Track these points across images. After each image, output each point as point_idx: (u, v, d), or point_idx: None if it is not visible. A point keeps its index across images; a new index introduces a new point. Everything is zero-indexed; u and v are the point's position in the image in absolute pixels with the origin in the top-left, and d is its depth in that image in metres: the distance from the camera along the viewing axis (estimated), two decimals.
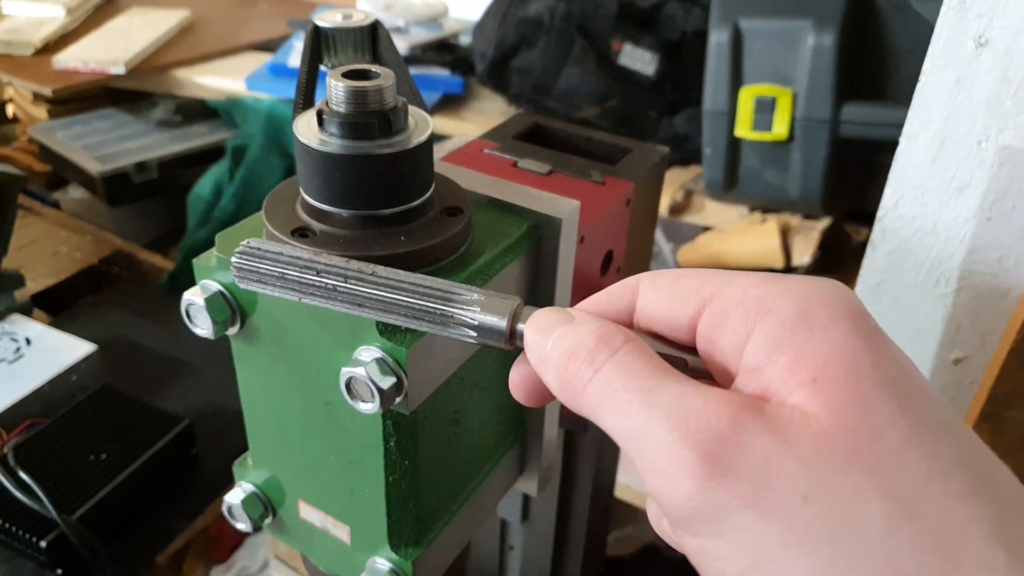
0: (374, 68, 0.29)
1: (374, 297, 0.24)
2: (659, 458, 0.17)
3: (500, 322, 0.22)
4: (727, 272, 0.20)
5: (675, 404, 0.17)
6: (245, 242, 0.25)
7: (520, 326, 0.22)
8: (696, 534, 0.17)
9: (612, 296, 0.22)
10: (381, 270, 0.24)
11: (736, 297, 0.19)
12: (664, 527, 0.22)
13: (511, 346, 0.23)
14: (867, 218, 0.78)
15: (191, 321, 0.30)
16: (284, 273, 0.25)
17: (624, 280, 0.22)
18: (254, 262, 0.25)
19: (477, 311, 0.22)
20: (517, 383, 0.23)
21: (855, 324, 0.18)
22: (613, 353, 0.19)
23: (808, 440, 0.16)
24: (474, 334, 0.23)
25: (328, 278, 0.24)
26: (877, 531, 0.15)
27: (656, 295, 0.21)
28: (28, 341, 0.81)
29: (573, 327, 0.20)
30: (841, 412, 0.16)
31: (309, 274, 0.24)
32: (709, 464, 0.16)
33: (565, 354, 0.20)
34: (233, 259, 0.25)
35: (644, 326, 0.21)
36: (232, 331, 0.31)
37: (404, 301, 0.23)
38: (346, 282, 0.24)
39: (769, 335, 0.18)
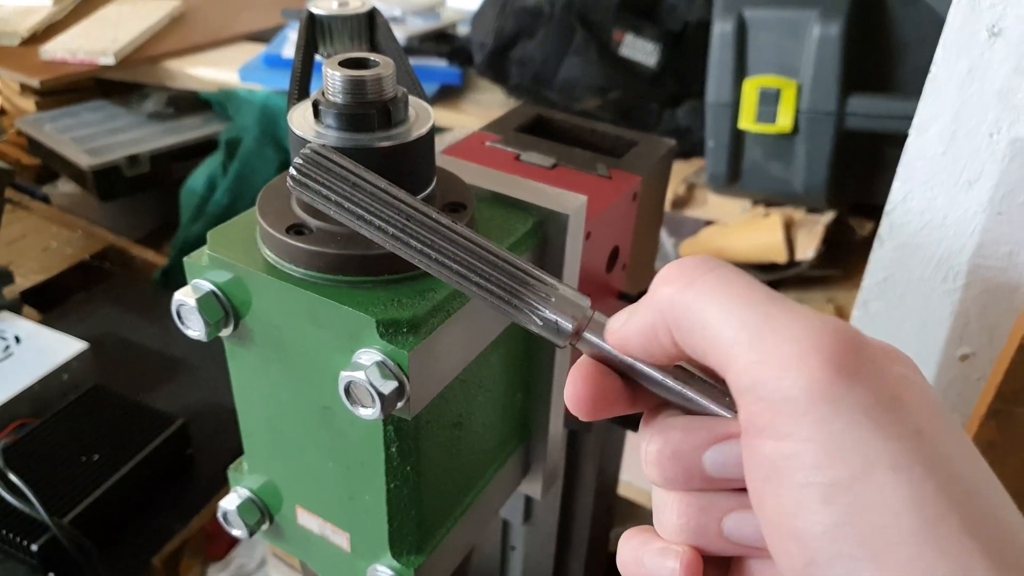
0: (372, 56, 0.27)
1: (447, 252, 0.22)
2: (781, 346, 0.17)
3: (568, 324, 0.21)
4: None
5: (805, 309, 0.18)
6: (312, 145, 0.23)
7: (586, 333, 0.21)
8: (788, 436, 0.17)
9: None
10: (462, 227, 0.22)
11: None
12: (679, 455, 0.20)
13: (567, 345, 0.22)
14: (872, 212, 0.77)
15: (182, 322, 0.29)
16: (351, 194, 0.23)
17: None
18: (318, 172, 0.23)
19: (551, 304, 0.21)
20: (580, 386, 0.21)
21: (922, 375, 0.19)
22: (730, 265, 0.19)
23: (921, 394, 0.17)
24: (539, 323, 0.22)
25: (400, 216, 0.22)
26: (969, 491, 0.16)
27: None
28: (17, 339, 0.79)
29: None
30: (927, 403, 0.18)
31: (380, 203, 0.22)
32: (841, 363, 0.16)
33: (681, 259, 0.20)
34: (296, 161, 0.23)
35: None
36: (225, 332, 0.30)
37: (478, 266, 0.22)
38: (420, 227, 0.22)
39: None
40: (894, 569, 0.16)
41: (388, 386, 0.25)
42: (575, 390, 0.21)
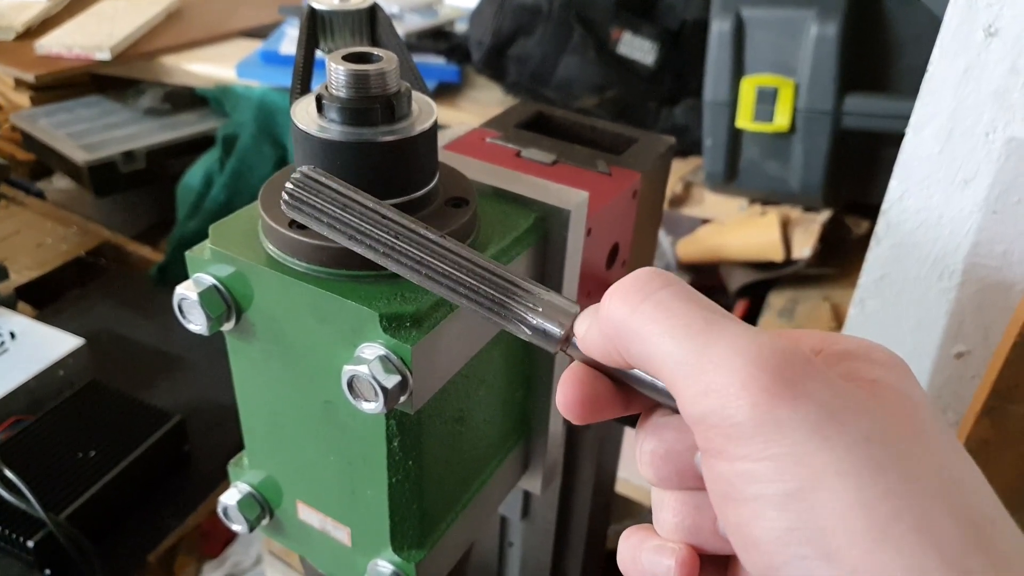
0: (376, 51, 0.27)
1: (435, 267, 0.23)
2: (721, 377, 0.17)
3: (557, 329, 0.22)
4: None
5: (742, 332, 0.18)
6: (303, 169, 0.24)
7: (575, 337, 0.22)
8: (740, 458, 0.17)
9: None
10: (449, 241, 0.23)
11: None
12: (652, 468, 0.21)
13: (558, 351, 0.22)
14: (868, 211, 0.77)
15: (184, 316, 0.29)
16: (341, 215, 0.23)
17: None
18: (310, 195, 0.24)
19: (538, 312, 0.22)
20: (571, 391, 0.22)
21: (908, 373, 0.20)
22: (673, 283, 0.20)
23: (872, 401, 0.18)
24: (529, 332, 0.22)
25: (389, 233, 0.23)
26: (927, 491, 0.17)
27: None
28: (12, 335, 0.79)
29: None
30: (896, 405, 0.18)
31: (369, 223, 0.23)
32: (781, 385, 0.17)
33: (626, 280, 0.20)
34: (288, 185, 0.24)
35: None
36: (227, 327, 0.30)
37: (466, 280, 0.22)
38: (409, 243, 0.23)
39: (836, 352, 0.20)
40: (848, 568, 0.16)
41: (391, 380, 0.25)
42: (566, 395, 0.22)
